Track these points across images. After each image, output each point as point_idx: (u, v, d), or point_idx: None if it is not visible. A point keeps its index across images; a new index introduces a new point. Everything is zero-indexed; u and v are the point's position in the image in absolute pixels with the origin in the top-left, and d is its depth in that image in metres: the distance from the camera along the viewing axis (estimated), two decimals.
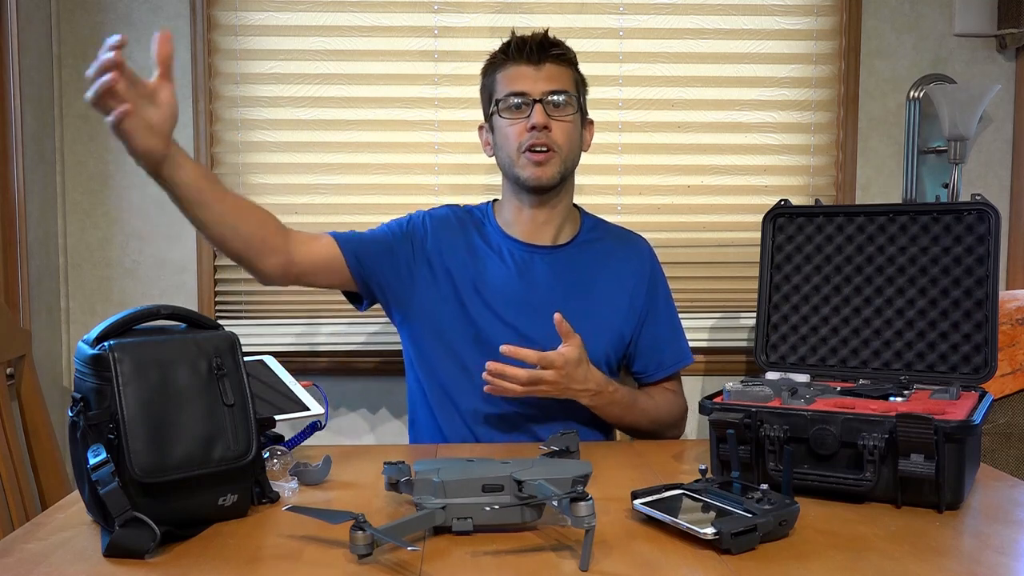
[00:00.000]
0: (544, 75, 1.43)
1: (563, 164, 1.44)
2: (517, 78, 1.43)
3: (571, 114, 1.44)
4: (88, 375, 0.93)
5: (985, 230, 1.23)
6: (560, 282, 1.48)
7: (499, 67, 1.46)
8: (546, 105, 1.41)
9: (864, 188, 2.09)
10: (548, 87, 1.42)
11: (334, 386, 2.03)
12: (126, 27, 1.99)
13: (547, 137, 1.41)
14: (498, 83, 1.46)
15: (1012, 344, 1.79)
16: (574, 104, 1.45)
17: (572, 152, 1.46)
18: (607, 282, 1.51)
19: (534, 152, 1.41)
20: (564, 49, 1.46)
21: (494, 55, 1.48)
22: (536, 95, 1.41)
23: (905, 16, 2.07)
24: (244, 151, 2.03)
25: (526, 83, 1.42)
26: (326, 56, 2.02)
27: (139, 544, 0.88)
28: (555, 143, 1.42)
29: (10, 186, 1.82)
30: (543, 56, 1.43)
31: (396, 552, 0.88)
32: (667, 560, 0.87)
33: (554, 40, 1.45)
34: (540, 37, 1.44)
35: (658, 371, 1.53)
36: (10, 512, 1.40)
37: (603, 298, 1.50)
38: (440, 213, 1.54)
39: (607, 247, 1.54)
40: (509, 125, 1.43)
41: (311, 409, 1.24)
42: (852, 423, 1.05)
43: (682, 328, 1.58)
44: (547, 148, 1.42)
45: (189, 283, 2.04)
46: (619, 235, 1.58)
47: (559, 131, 1.42)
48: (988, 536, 0.95)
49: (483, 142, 1.54)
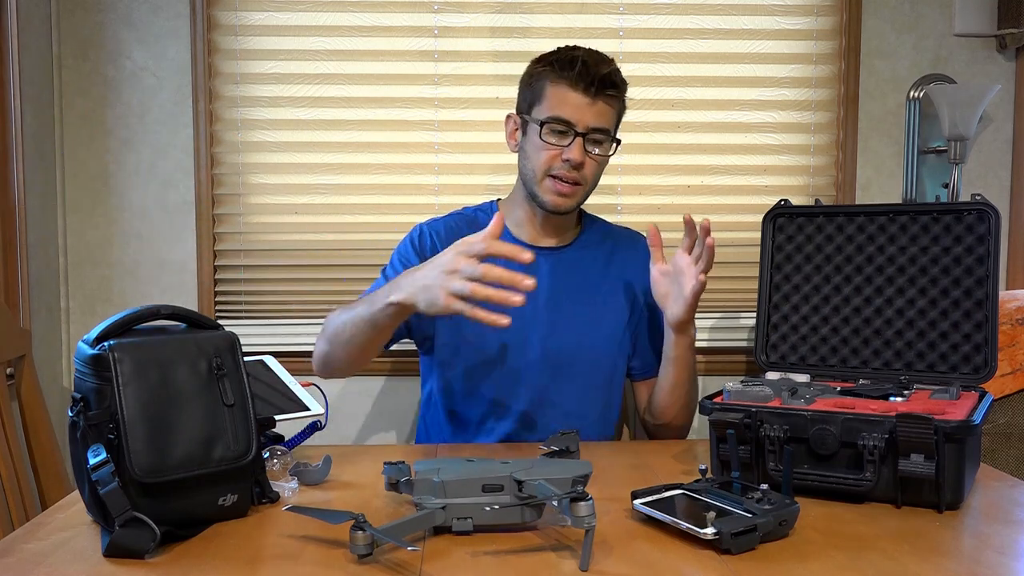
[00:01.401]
0: (595, 111, 1.40)
1: (583, 196, 1.46)
2: (567, 104, 1.39)
3: (606, 154, 1.44)
4: (88, 375, 0.93)
5: (985, 230, 1.23)
6: (564, 283, 1.49)
7: (551, 78, 1.41)
8: (587, 142, 1.40)
9: (864, 188, 2.09)
10: (595, 123, 1.40)
11: (334, 386, 2.03)
12: (126, 27, 1.99)
13: (578, 173, 1.40)
14: (546, 95, 1.41)
15: (1012, 344, 1.79)
16: (611, 145, 1.44)
17: (595, 185, 1.47)
18: (609, 282, 1.51)
19: (562, 183, 1.40)
20: (621, 89, 1.43)
21: (551, 61, 1.42)
22: (581, 128, 1.39)
23: (905, 16, 2.07)
24: (244, 151, 2.03)
25: (574, 113, 1.39)
26: (326, 56, 2.02)
27: (139, 544, 0.88)
28: (583, 178, 1.42)
29: (10, 186, 1.82)
30: (600, 92, 1.39)
31: (396, 552, 0.88)
32: (667, 560, 0.87)
33: (615, 80, 1.41)
34: (605, 72, 1.39)
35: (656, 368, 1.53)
36: (10, 512, 1.40)
37: (606, 298, 1.50)
38: (448, 226, 1.52)
39: (609, 247, 1.55)
40: (544, 148, 1.41)
41: (311, 409, 1.24)
42: (852, 423, 1.05)
43: None
44: (576, 182, 1.41)
45: (189, 283, 2.04)
46: (620, 234, 1.59)
47: (590, 167, 1.42)
48: (988, 536, 0.95)
49: (508, 132, 1.51)
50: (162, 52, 2.00)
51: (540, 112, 1.42)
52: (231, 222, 2.05)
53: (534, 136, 1.42)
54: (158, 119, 2.01)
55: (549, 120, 1.40)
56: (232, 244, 2.05)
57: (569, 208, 1.44)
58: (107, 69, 2.00)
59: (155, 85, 2.01)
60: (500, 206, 1.55)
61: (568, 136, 1.39)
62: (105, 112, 2.00)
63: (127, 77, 2.00)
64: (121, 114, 2.01)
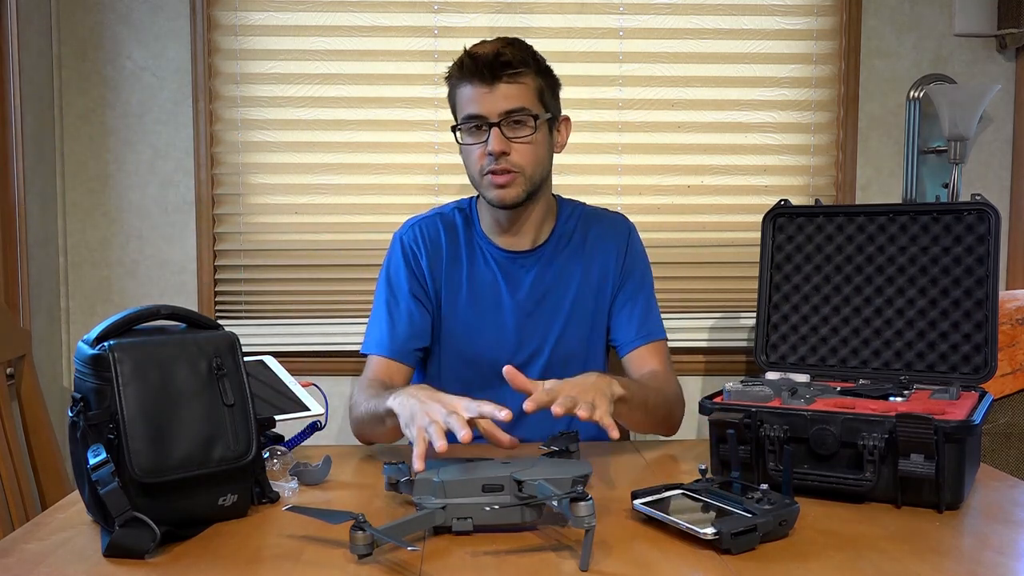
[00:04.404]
0: (500, 95, 1.36)
1: (528, 183, 1.40)
2: (472, 100, 1.37)
3: (530, 134, 1.38)
4: (88, 375, 0.93)
5: (985, 230, 1.23)
6: (542, 282, 1.47)
7: (455, 85, 1.41)
8: (504, 128, 1.36)
9: (864, 188, 2.09)
10: (504, 106, 1.36)
11: (334, 386, 2.03)
12: (126, 27, 1.99)
13: (507, 161, 1.37)
14: (457, 101, 1.41)
15: (1012, 344, 1.79)
16: (533, 123, 1.38)
17: (536, 169, 1.41)
18: (585, 268, 1.48)
19: (496, 175, 1.37)
20: (519, 65, 1.37)
21: (450, 69, 1.42)
22: (492, 117, 1.36)
23: (905, 16, 2.07)
24: (244, 151, 2.03)
25: (481, 105, 1.36)
26: (326, 56, 2.02)
27: (139, 544, 0.88)
28: (516, 165, 1.37)
29: (10, 186, 1.82)
30: (496, 76, 1.36)
31: (396, 552, 0.88)
32: (667, 560, 0.87)
33: (507, 58, 1.35)
34: (491, 56, 1.35)
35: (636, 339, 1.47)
36: (10, 512, 1.39)
37: (583, 286, 1.48)
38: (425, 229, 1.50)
39: (583, 234, 1.52)
40: (470, 151, 1.40)
41: (311, 409, 1.24)
42: (852, 423, 1.05)
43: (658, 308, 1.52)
44: (507, 171, 1.37)
45: (189, 283, 2.04)
46: (595, 217, 1.54)
47: (519, 153, 1.37)
48: (988, 536, 0.95)
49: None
50: (162, 52, 2.00)
51: (457, 118, 1.42)
52: (231, 222, 2.05)
53: (462, 144, 1.42)
54: (158, 119, 2.01)
55: (460, 122, 1.40)
56: (232, 244, 2.05)
57: (516, 198, 1.39)
58: (107, 69, 2.00)
59: (155, 85, 2.01)
60: (478, 203, 1.52)
61: (484, 131, 1.37)
62: (105, 112, 2.00)
63: (127, 77, 2.00)
64: (121, 114, 2.01)
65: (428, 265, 1.47)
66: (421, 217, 1.52)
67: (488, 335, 1.46)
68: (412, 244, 1.48)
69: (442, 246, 1.48)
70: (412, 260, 1.47)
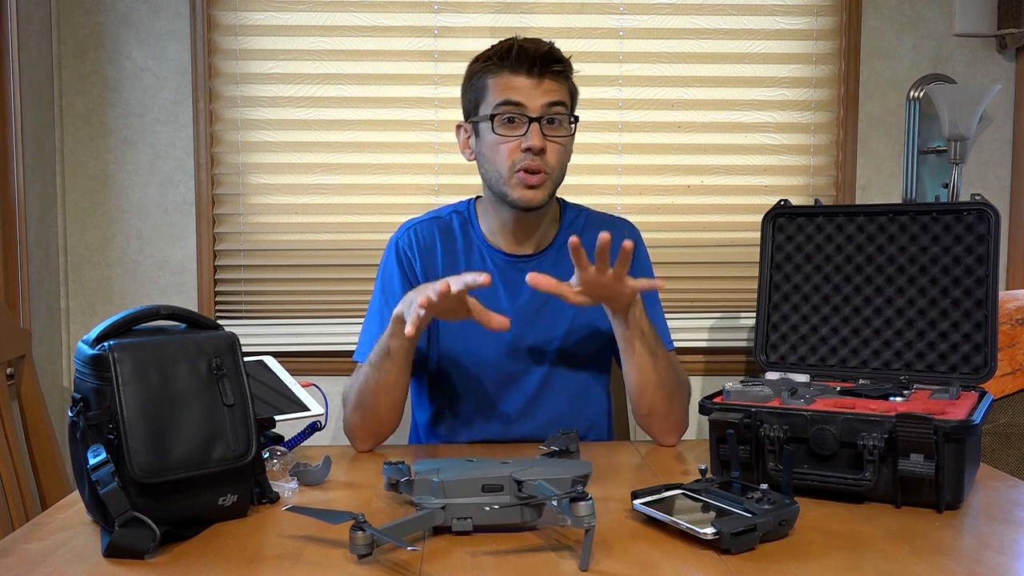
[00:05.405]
0: (544, 90, 1.34)
1: (553, 185, 1.39)
2: (515, 88, 1.34)
3: (565, 135, 1.38)
4: (88, 375, 0.93)
5: (985, 230, 1.23)
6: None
7: (492, 72, 1.37)
8: (543, 125, 1.34)
9: (864, 188, 2.09)
10: (547, 99, 1.34)
11: (334, 386, 2.03)
12: (126, 27, 1.99)
13: (542, 160, 1.34)
14: (489, 89, 1.37)
15: (1012, 344, 1.79)
16: (568, 123, 1.38)
17: (562, 172, 1.40)
18: None
19: (530, 175, 1.34)
20: (565, 65, 1.38)
21: (487, 56, 1.38)
22: (534, 112, 1.33)
23: (905, 16, 2.07)
24: (244, 151, 2.03)
25: (523, 95, 1.34)
26: (326, 56, 2.02)
27: (139, 544, 0.88)
28: (548, 165, 1.35)
29: (10, 186, 1.82)
30: (544, 71, 1.34)
31: (396, 552, 0.88)
32: (667, 560, 0.87)
33: (557, 55, 1.37)
34: (544, 50, 1.35)
35: None
36: (10, 512, 1.40)
37: None
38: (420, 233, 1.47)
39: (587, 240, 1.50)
40: (501, 142, 1.34)
41: (311, 409, 1.24)
42: (852, 423, 1.05)
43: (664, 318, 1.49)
44: (541, 170, 1.34)
45: (189, 283, 2.04)
46: (600, 223, 1.52)
47: (553, 153, 1.35)
48: (988, 536, 0.95)
49: (461, 142, 1.46)
50: (162, 52, 2.00)
51: (487, 106, 1.37)
52: (231, 222, 2.05)
53: (487, 134, 1.36)
54: (158, 119, 2.01)
55: (498, 106, 1.34)
56: (232, 244, 2.05)
57: (541, 202, 1.37)
58: (107, 69, 2.00)
59: (155, 85, 2.01)
60: (477, 205, 1.51)
61: (522, 124, 1.34)
62: (105, 112, 2.00)
63: (127, 77, 2.00)
64: (121, 114, 2.01)
65: (423, 269, 1.44)
66: (417, 220, 1.50)
67: (486, 341, 1.41)
68: (407, 248, 1.46)
69: (437, 250, 1.46)
70: (406, 265, 1.45)
